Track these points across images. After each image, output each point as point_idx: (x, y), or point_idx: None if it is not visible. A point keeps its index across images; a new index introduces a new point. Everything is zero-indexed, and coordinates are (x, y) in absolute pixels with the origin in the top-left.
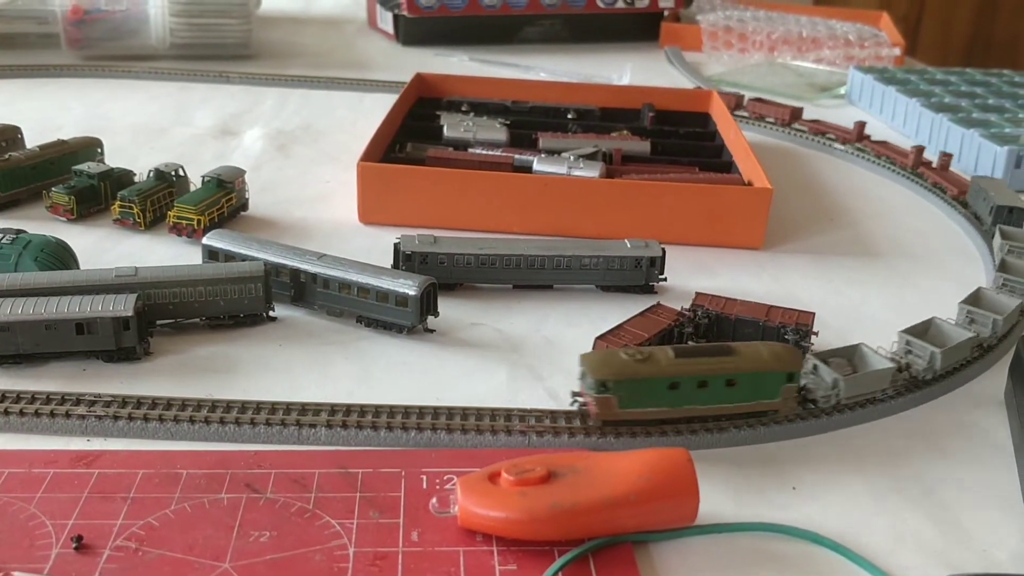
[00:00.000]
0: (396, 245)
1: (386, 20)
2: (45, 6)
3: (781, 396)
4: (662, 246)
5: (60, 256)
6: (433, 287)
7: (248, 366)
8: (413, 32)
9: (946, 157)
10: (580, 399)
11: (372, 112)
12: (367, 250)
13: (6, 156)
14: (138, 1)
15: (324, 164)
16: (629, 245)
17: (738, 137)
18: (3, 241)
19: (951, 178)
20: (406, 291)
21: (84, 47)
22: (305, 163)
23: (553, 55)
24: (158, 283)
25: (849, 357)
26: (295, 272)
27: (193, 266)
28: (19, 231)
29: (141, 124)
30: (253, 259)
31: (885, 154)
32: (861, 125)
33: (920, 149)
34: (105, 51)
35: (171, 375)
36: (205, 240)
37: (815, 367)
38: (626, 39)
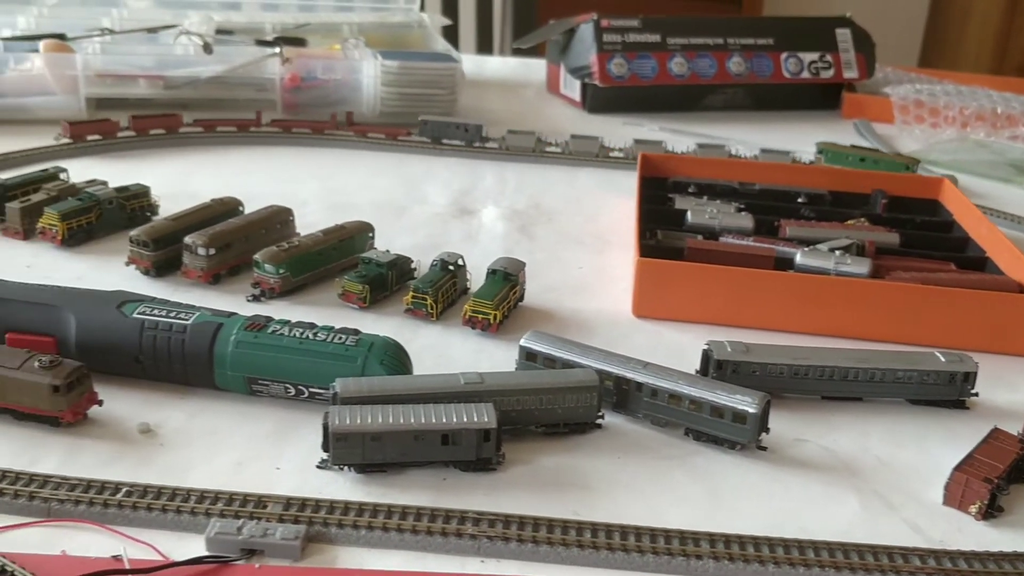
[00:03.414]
0: (706, 352)
1: (572, 87)
2: (264, 74)
3: None
4: (976, 360)
5: (400, 358)
6: (768, 403)
7: (597, 481)
8: (600, 100)
9: None
10: None
11: (592, 189)
12: (652, 348)
13: (295, 242)
14: (351, 70)
15: (569, 248)
16: (942, 358)
17: (992, 231)
18: (347, 343)
19: None
20: (745, 408)
21: (298, 114)
22: (550, 246)
23: (737, 123)
24: (503, 391)
25: None
26: (620, 380)
27: (531, 374)
28: (355, 331)
29: (381, 201)
30: (577, 365)
31: None
32: None
33: None
34: (316, 118)
35: (527, 488)
36: (523, 342)
37: None
38: (807, 108)
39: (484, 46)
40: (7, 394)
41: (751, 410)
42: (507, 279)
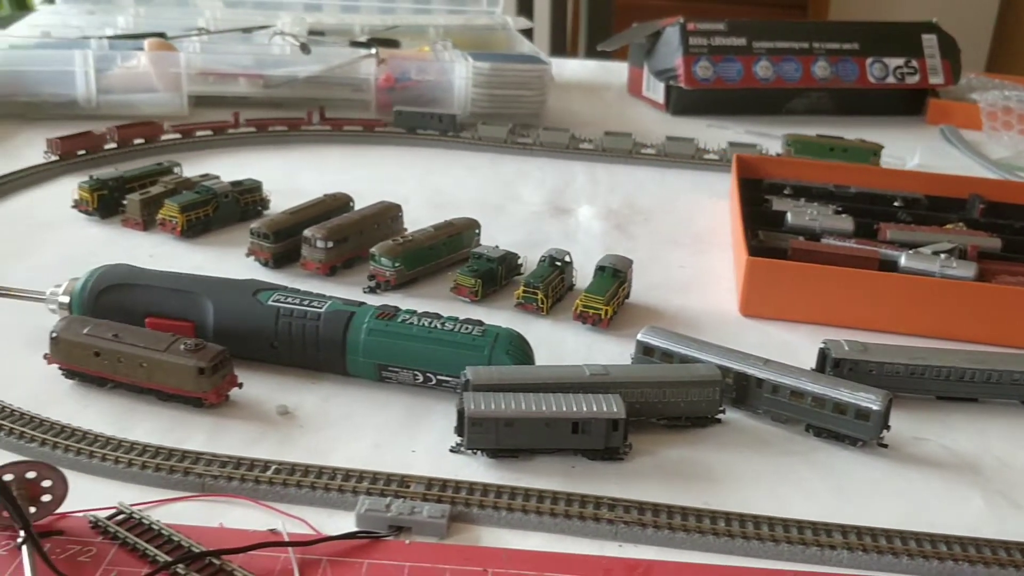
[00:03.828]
0: (823, 350)
1: (656, 90)
2: (359, 74)
3: None
4: None
5: (525, 349)
6: (891, 401)
7: (722, 473)
8: (684, 102)
9: None
10: None
11: (684, 190)
12: (760, 346)
13: (409, 236)
14: (444, 71)
15: (668, 248)
16: None
17: None
18: (474, 333)
19: None
20: (869, 405)
21: (391, 114)
22: (649, 245)
23: (820, 127)
24: (628, 383)
25: None
26: (741, 376)
27: (655, 367)
28: (479, 322)
29: (477, 199)
30: (696, 360)
31: None
32: None
33: None
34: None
35: (655, 478)
36: (641, 336)
37: None
38: (889, 113)
39: (557, 48)
40: (153, 375)
41: (875, 407)
42: (616, 275)
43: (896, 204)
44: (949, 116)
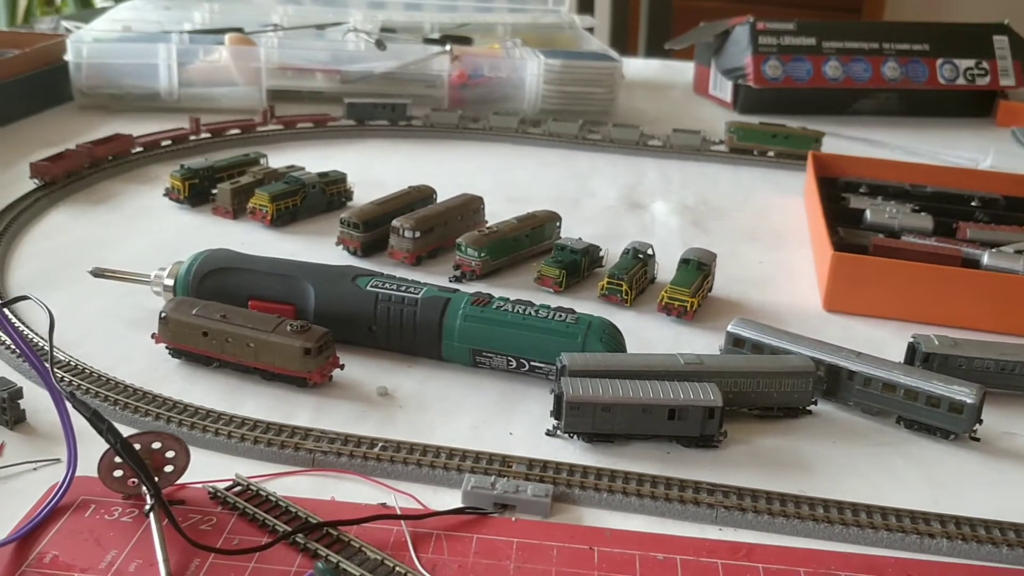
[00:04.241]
0: (912, 344)
1: (723, 88)
2: (432, 71)
3: None
4: None
5: (617, 337)
6: (984, 395)
7: (816, 463)
8: (752, 101)
9: None
10: None
11: (757, 187)
12: (844, 340)
13: (494, 228)
14: (516, 68)
15: (745, 243)
16: None
17: None
18: (567, 320)
19: None
20: (963, 398)
21: (463, 109)
22: (727, 241)
23: (889, 128)
24: (722, 372)
25: None
26: (833, 368)
27: (749, 357)
28: (571, 310)
29: (553, 194)
30: (786, 351)
31: None
32: None
33: None
34: (479, 114)
35: (750, 466)
36: (731, 328)
37: None
38: (957, 115)
39: (617, 48)
40: (260, 355)
41: (969, 400)
42: (700, 268)
43: (973, 204)
44: (1019, 118)
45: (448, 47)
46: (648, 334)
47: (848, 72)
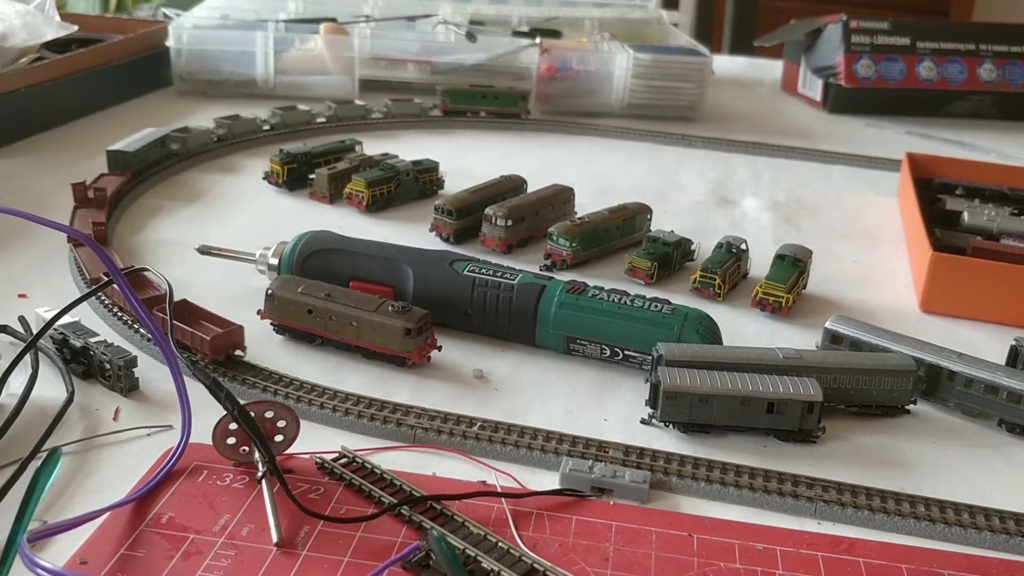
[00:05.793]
0: (1015, 347)
1: (813, 87)
2: (521, 63)
3: None
4: None
5: (713, 329)
6: None
7: (916, 462)
8: (842, 100)
9: None
10: None
11: (849, 186)
12: (942, 342)
13: (586, 218)
14: (605, 62)
15: (839, 242)
16: None
17: None
18: (663, 311)
19: None
20: None
21: (550, 103)
22: (820, 239)
23: (983, 131)
24: (821, 368)
25: None
26: (934, 368)
27: (848, 354)
28: (667, 301)
29: (640, 187)
30: (886, 350)
31: None
32: None
33: None
34: (565, 107)
35: (848, 462)
36: (829, 324)
37: None
38: None
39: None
40: (362, 334)
41: None
42: (796, 265)
43: None
44: None
45: (538, 40)
46: (742, 329)
47: (943, 73)
